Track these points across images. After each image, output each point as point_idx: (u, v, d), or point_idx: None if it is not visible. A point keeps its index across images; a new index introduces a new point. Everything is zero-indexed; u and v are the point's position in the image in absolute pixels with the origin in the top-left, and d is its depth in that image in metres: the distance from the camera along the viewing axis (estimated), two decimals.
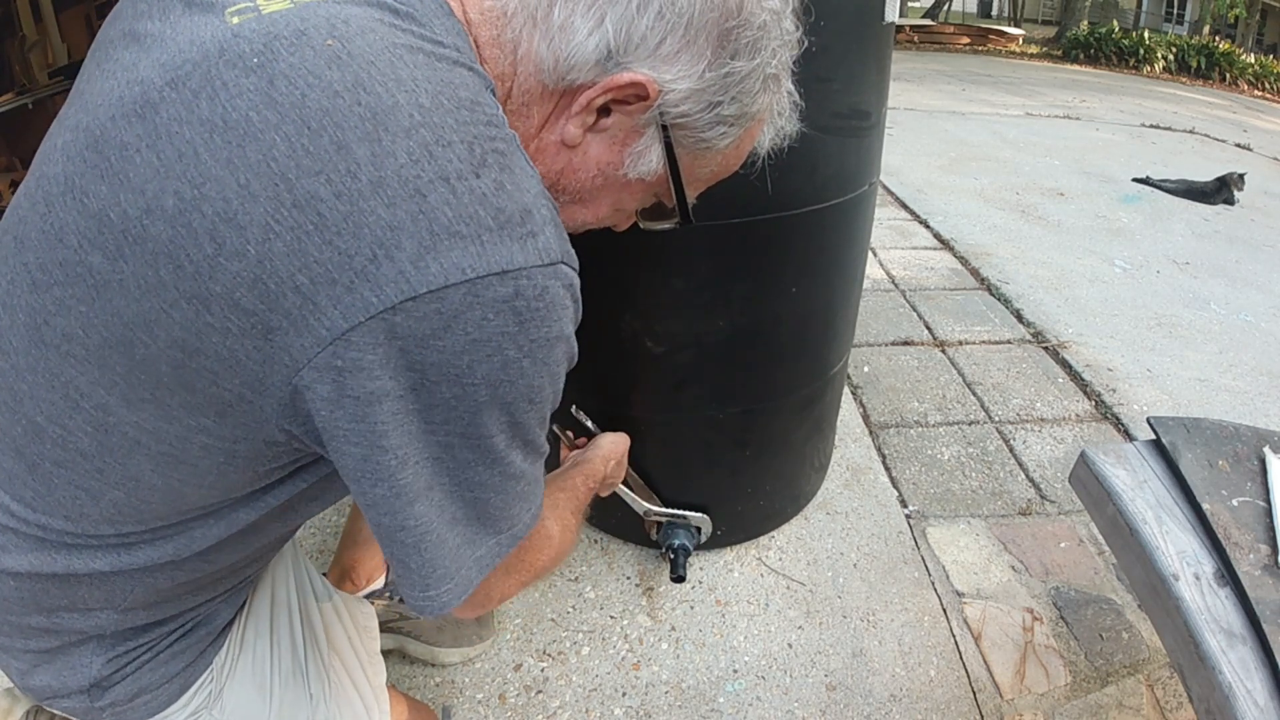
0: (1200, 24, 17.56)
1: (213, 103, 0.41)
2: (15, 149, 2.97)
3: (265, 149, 0.40)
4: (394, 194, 0.40)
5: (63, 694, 0.61)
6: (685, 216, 0.60)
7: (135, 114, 0.43)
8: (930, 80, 8.20)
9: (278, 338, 0.41)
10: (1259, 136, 6.55)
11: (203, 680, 0.67)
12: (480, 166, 0.42)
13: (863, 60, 1.07)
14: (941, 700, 1.24)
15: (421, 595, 0.51)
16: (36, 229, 0.46)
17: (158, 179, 0.41)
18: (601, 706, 1.20)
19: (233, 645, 0.70)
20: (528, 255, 0.43)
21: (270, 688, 0.71)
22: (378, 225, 0.40)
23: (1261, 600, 0.74)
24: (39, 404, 0.48)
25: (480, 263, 0.41)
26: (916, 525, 1.61)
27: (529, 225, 0.43)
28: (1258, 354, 2.45)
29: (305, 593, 0.80)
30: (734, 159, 0.62)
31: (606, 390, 1.29)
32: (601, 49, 0.49)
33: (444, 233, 0.40)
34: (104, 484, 0.50)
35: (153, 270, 0.42)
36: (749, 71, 0.53)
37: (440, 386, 0.43)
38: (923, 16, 15.46)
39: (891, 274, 2.90)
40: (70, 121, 0.48)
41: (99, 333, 0.44)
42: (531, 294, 0.43)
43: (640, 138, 0.54)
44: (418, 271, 0.40)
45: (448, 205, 0.41)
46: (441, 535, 0.49)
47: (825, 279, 1.23)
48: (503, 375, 0.44)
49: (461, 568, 0.51)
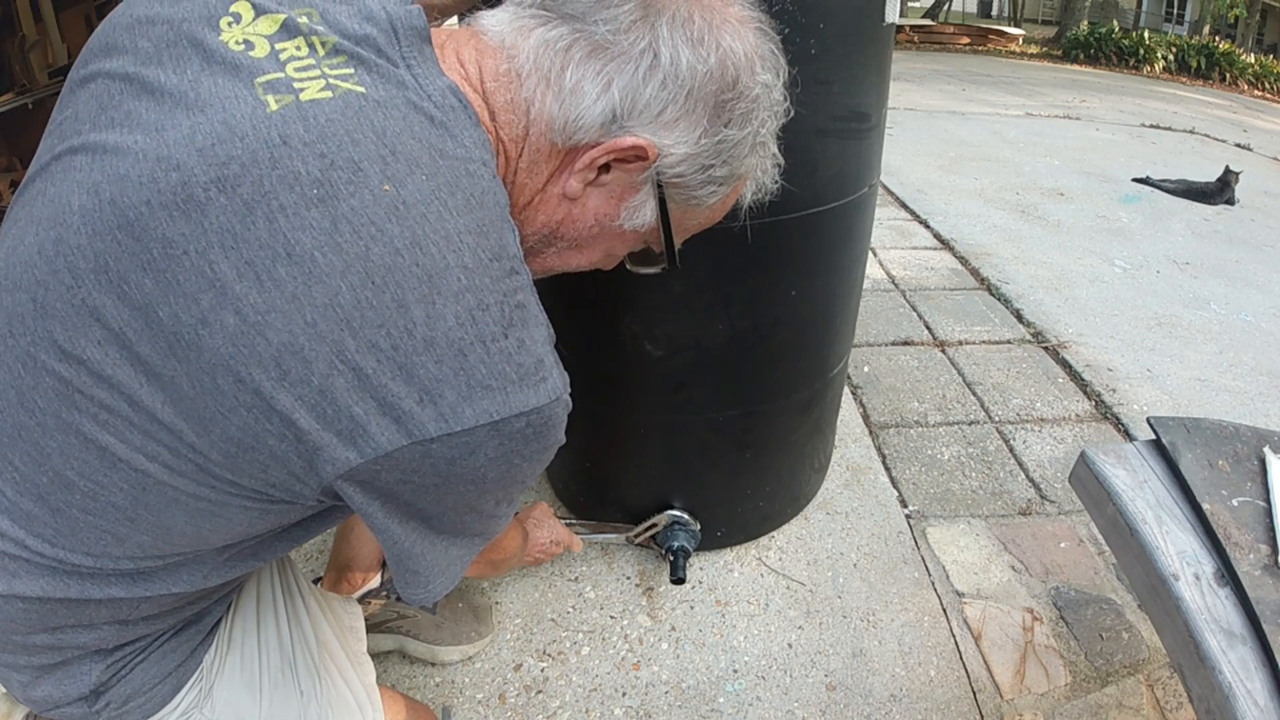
0: (1200, 24, 17.55)
1: (272, 227, 0.44)
2: (15, 149, 2.97)
3: (331, 294, 0.44)
4: (442, 353, 0.46)
5: (63, 703, 0.62)
6: (673, 263, 0.65)
7: (178, 209, 0.44)
8: (930, 80, 8.20)
9: (326, 452, 0.46)
10: (1259, 136, 6.55)
11: (193, 680, 0.68)
12: (509, 327, 0.49)
13: (863, 62, 1.07)
14: (941, 700, 1.24)
15: (424, 592, 0.59)
16: (61, 299, 0.46)
17: (213, 292, 0.43)
18: (601, 706, 1.20)
19: (221, 644, 0.70)
20: (540, 397, 0.49)
21: (259, 685, 0.72)
22: (426, 377, 0.46)
23: (1261, 600, 0.74)
24: (69, 460, 0.49)
25: (504, 409, 0.48)
26: (916, 525, 1.61)
27: (540, 373, 0.50)
28: (1258, 354, 2.45)
29: (292, 592, 0.80)
30: (720, 211, 0.66)
31: (607, 393, 1.29)
32: (607, 112, 0.52)
33: (479, 386, 0.47)
34: (133, 530, 0.52)
35: (210, 379, 0.45)
36: (741, 139, 0.57)
37: (457, 486, 0.50)
38: (923, 16, 15.45)
39: (891, 274, 2.90)
40: (84, 178, 0.46)
41: (147, 414, 0.46)
42: (540, 423, 0.50)
43: (637, 193, 0.58)
44: (455, 415, 0.46)
45: (483, 364, 0.47)
46: (431, 554, 0.56)
47: (825, 281, 1.23)
48: (508, 475, 0.51)
49: (450, 564, 0.59)
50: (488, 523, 0.58)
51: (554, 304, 0.72)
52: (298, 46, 0.49)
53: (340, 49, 0.50)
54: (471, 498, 0.52)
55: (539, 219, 0.58)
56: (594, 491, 1.48)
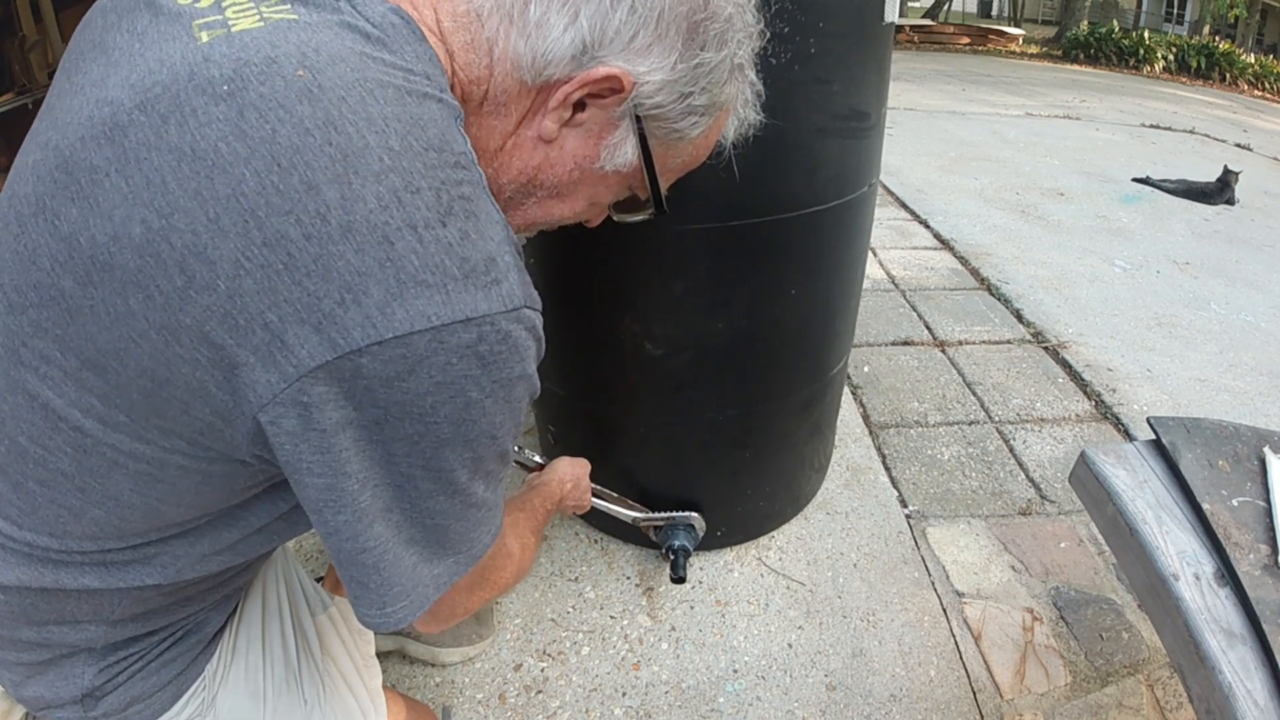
0: (1200, 24, 17.55)
1: (181, 130, 0.41)
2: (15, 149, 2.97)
3: (234, 183, 0.40)
4: (362, 240, 0.41)
5: (56, 705, 0.61)
6: (659, 206, 0.62)
7: (105, 136, 0.43)
8: (930, 80, 8.20)
9: (244, 373, 0.42)
10: (1259, 136, 6.55)
11: (195, 688, 0.67)
12: (447, 215, 0.43)
13: (862, 61, 1.07)
14: (941, 700, 1.24)
15: (379, 613, 0.52)
16: (10, 250, 0.46)
17: (125, 205, 0.41)
18: (601, 706, 1.20)
19: (224, 653, 0.70)
20: (491, 303, 0.44)
21: (264, 694, 0.72)
22: (346, 270, 0.40)
23: (1261, 600, 0.74)
24: (20, 424, 0.48)
25: (445, 311, 0.42)
26: (916, 525, 1.61)
27: (493, 273, 0.44)
28: (1258, 354, 2.45)
29: (297, 598, 0.80)
30: (703, 148, 0.64)
31: (606, 393, 1.29)
32: (577, 44, 0.50)
33: (410, 281, 0.41)
34: (85, 502, 0.50)
35: (122, 299, 0.42)
36: (718, 62, 0.55)
37: (404, 423, 0.44)
38: (923, 16, 15.46)
39: (891, 274, 2.90)
40: (41, 138, 0.47)
41: (75, 356, 0.45)
42: (494, 339, 0.44)
43: (615, 130, 0.56)
44: (384, 318, 0.41)
45: (414, 254, 0.41)
46: (399, 555, 0.50)
47: (825, 281, 1.23)
48: (465, 415, 0.45)
49: (418, 585, 0.52)
50: (465, 514, 0.51)
51: (553, 304, 0.72)
52: None
53: None
54: (428, 449, 0.46)
55: (514, 165, 0.55)
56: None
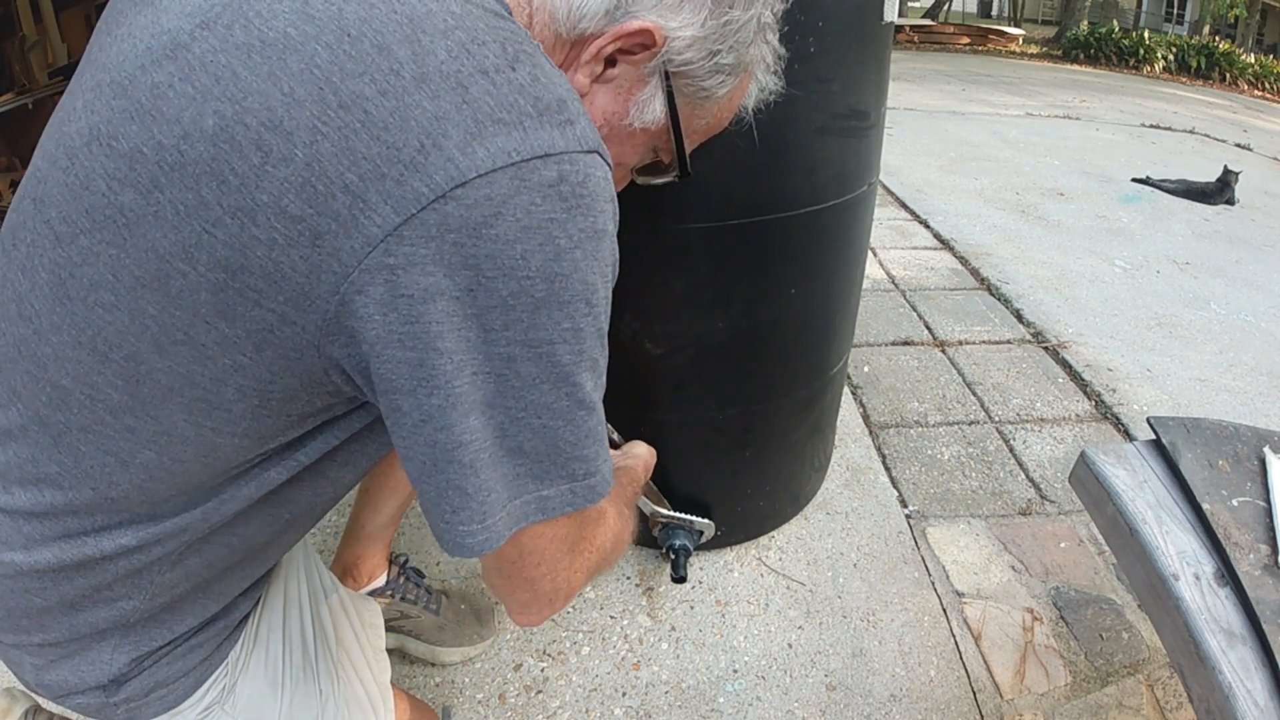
0: (1200, 24, 17.55)
1: (247, 29, 0.42)
2: (15, 149, 2.97)
3: (307, 58, 0.41)
4: (437, 87, 0.41)
5: (78, 690, 0.60)
6: (684, 168, 0.63)
7: (166, 56, 0.43)
8: (930, 80, 8.20)
9: (326, 241, 0.41)
10: (1259, 136, 6.55)
11: (217, 675, 0.66)
12: (515, 61, 0.44)
13: (862, 60, 1.07)
14: (941, 700, 1.24)
15: (453, 529, 0.47)
16: (58, 184, 0.46)
17: (194, 105, 0.42)
18: (601, 706, 1.20)
19: (247, 640, 0.69)
20: (568, 140, 0.44)
21: (282, 683, 0.71)
22: (424, 117, 0.41)
23: (1261, 600, 0.74)
24: (64, 365, 0.48)
25: (524, 146, 0.42)
26: (916, 525, 1.61)
27: (565, 113, 0.45)
28: (1258, 354, 2.45)
29: (315, 589, 0.80)
30: (727, 111, 0.65)
31: (606, 391, 1.29)
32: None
33: (488, 120, 0.42)
34: (134, 443, 0.49)
35: (193, 193, 0.42)
36: (746, 20, 0.56)
37: (496, 282, 0.42)
38: (923, 16, 15.45)
39: (891, 274, 2.90)
40: (88, 82, 0.47)
41: (131, 273, 0.44)
42: (575, 179, 0.44)
43: (645, 87, 0.57)
44: (465, 158, 0.41)
45: (489, 95, 0.42)
46: (498, 460, 0.46)
47: (825, 279, 1.23)
48: (556, 267, 0.43)
49: (516, 500, 0.48)
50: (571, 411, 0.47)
51: None
52: None
53: None
54: (525, 315, 0.43)
55: None
56: None
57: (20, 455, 0.52)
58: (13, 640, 0.59)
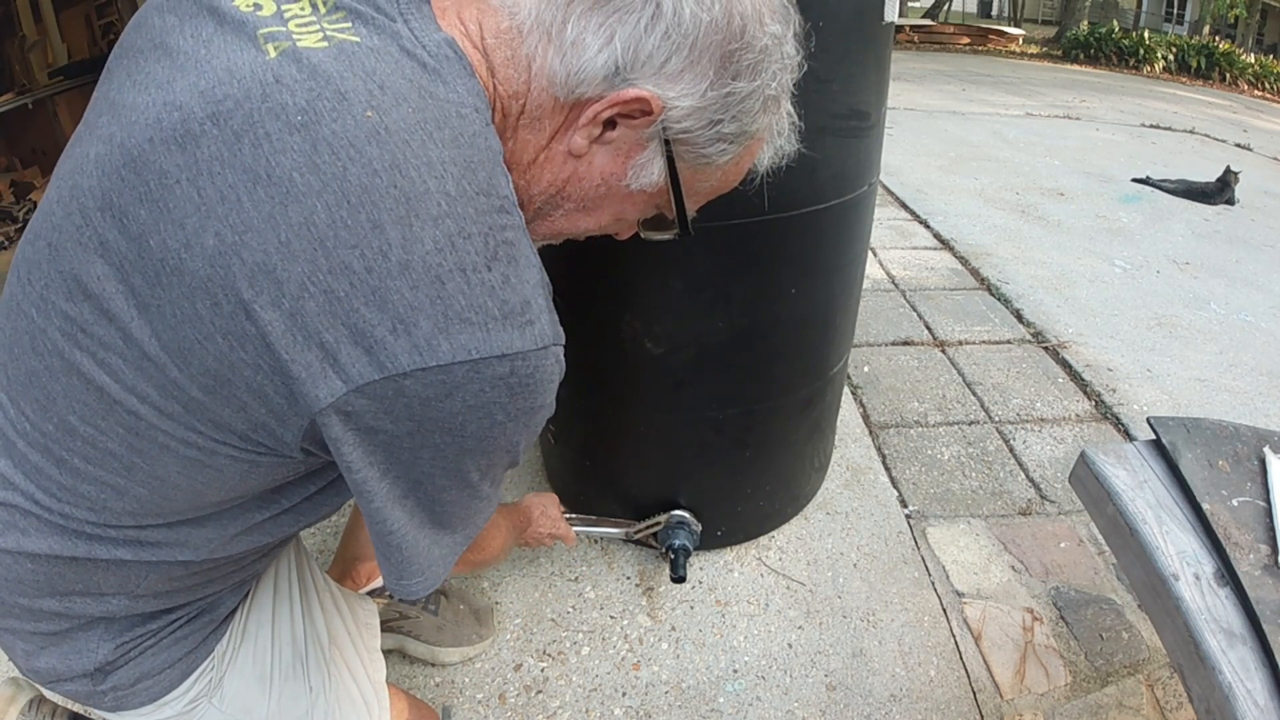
0: (1200, 24, 17.55)
1: (256, 152, 0.44)
2: (15, 149, 2.97)
3: (307, 213, 0.44)
4: (418, 278, 0.45)
5: (67, 677, 0.62)
6: (685, 229, 0.63)
7: (175, 142, 0.45)
8: (930, 80, 8.20)
9: (298, 385, 0.46)
10: (1259, 136, 6.55)
11: (204, 668, 0.68)
12: (492, 260, 0.47)
13: (862, 60, 1.07)
14: (941, 700, 1.24)
15: (398, 584, 0.58)
16: (72, 240, 0.48)
17: (198, 215, 0.44)
18: (601, 706, 1.20)
19: (234, 634, 0.71)
20: (525, 341, 0.48)
21: (270, 678, 0.72)
22: (400, 303, 0.45)
23: (1261, 600, 0.74)
24: (72, 404, 0.50)
25: (485, 346, 0.46)
26: (916, 525, 1.61)
27: (528, 315, 0.49)
28: (1258, 354, 2.45)
29: (307, 587, 0.80)
30: (733, 175, 0.64)
31: (606, 391, 1.29)
32: (610, 65, 0.52)
33: (456, 319, 0.46)
34: (130, 481, 0.53)
35: (189, 304, 0.45)
36: (749, 92, 0.55)
37: (434, 435, 0.49)
38: (923, 16, 15.45)
39: (891, 274, 2.90)
40: (103, 132, 0.49)
41: (137, 348, 0.47)
42: (524, 372, 0.49)
43: (643, 151, 0.57)
44: (430, 348, 0.45)
45: (462, 294, 0.46)
46: (415, 538, 0.56)
47: (825, 279, 1.23)
48: (489, 433, 0.50)
49: (431, 564, 0.59)
50: (470, 503, 0.58)
51: (553, 302, 0.72)
52: (301, 7, 0.50)
53: (340, 5, 0.51)
54: (451, 455, 0.51)
55: (545, 178, 0.58)
56: (593, 490, 1.48)
57: (25, 465, 0.55)
58: (4, 625, 0.61)
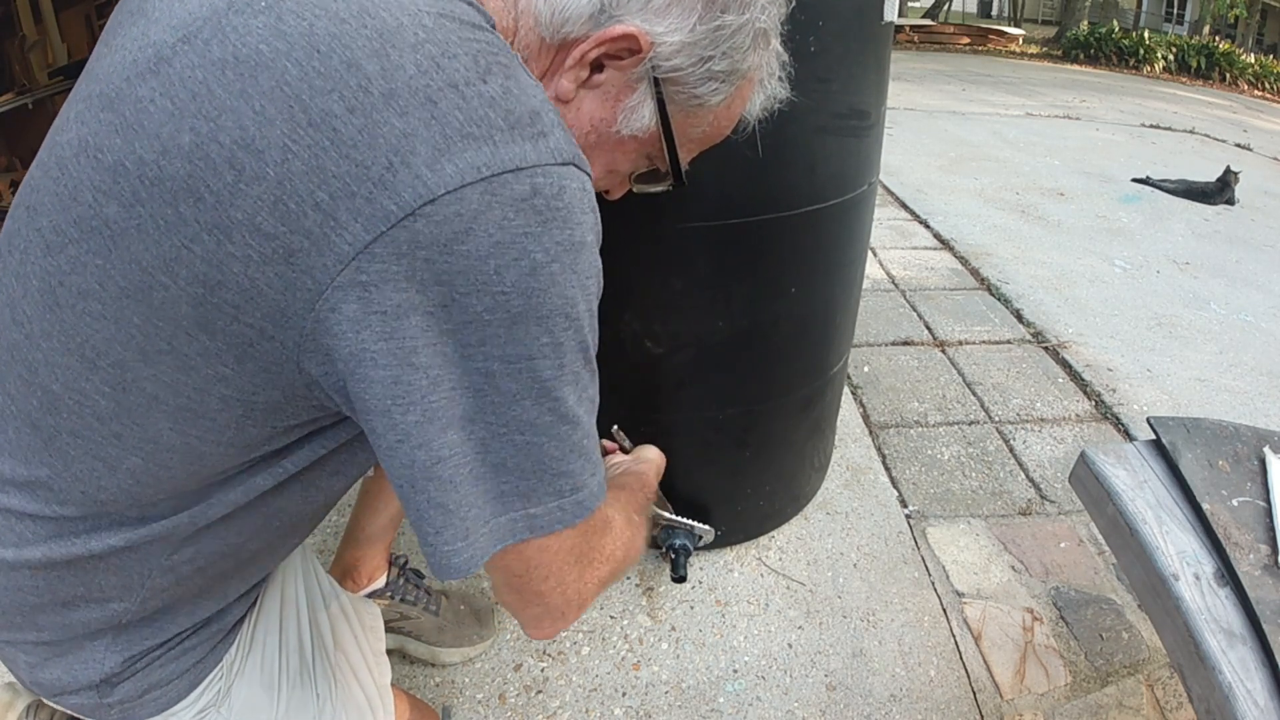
0: (1200, 24, 17.55)
1: (223, 44, 0.43)
2: (15, 149, 2.97)
3: (278, 75, 0.41)
4: (406, 103, 0.41)
5: (71, 689, 0.60)
6: (678, 177, 0.61)
7: (149, 70, 0.44)
8: (930, 80, 8.20)
9: (299, 259, 0.41)
10: (1259, 136, 6.55)
11: (211, 678, 0.66)
12: (486, 73, 0.43)
13: (862, 60, 1.07)
14: (941, 700, 1.24)
15: (456, 547, 0.46)
16: (50, 193, 0.47)
17: (172, 121, 0.42)
18: (601, 706, 1.20)
19: (243, 643, 0.69)
20: (540, 153, 0.43)
21: (278, 686, 0.71)
22: (392, 134, 0.41)
23: (1261, 600, 0.74)
24: (54, 370, 0.48)
25: (495, 161, 0.41)
26: (916, 525, 1.61)
27: (538, 125, 0.44)
28: (1258, 354, 2.45)
29: (313, 592, 0.80)
30: (725, 120, 0.62)
31: (606, 390, 1.29)
32: (595, 2, 0.50)
33: (457, 135, 0.41)
34: (121, 449, 0.50)
35: (172, 208, 0.42)
36: (739, 26, 0.54)
37: (470, 298, 0.42)
38: (923, 16, 15.46)
39: (891, 274, 2.90)
40: (82, 93, 0.48)
41: (116, 283, 0.45)
42: (549, 192, 0.43)
43: (633, 93, 0.55)
44: (434, 174, 0.40)
45: (458, 110, 0.41)
46: (480, 476, 0.46)
47: (825, 279, 1.23)
48: (532, 282, 0.43)
49: (499, 517, 0.47)
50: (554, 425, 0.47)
51: None
52: None
53: None
54: (500, 331, 0.43)
55: None
56: None
57: (13, 457, 0.53)
58: (7, 637, 0.59)
